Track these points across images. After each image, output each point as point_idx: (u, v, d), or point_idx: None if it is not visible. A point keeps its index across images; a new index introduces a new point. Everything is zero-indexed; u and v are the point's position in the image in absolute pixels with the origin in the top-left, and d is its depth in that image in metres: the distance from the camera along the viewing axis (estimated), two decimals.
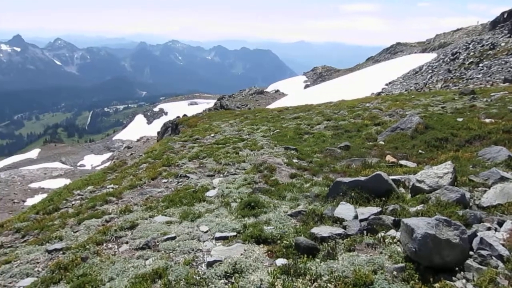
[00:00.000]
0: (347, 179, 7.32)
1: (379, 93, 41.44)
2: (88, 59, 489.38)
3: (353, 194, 6.86)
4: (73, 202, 10.89)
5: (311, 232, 5.56)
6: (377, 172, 7.09)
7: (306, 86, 74.08)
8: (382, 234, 5.28)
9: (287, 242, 5.42)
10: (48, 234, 7.82)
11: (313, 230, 5.64)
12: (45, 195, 35.20)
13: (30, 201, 37.78)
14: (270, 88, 75.21)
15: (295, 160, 11.69)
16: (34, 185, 45.06)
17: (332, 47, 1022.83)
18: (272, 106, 45.07)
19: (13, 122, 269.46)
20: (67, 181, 44.02)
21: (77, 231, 7.77)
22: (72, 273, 5.63)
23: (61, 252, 6.69)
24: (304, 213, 6.65)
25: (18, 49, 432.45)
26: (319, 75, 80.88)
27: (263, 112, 25.92)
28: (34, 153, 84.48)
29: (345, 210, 6.20)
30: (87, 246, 6.55)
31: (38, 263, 6.52)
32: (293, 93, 63.93)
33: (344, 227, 5.69)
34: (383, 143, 13.03)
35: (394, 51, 79.28)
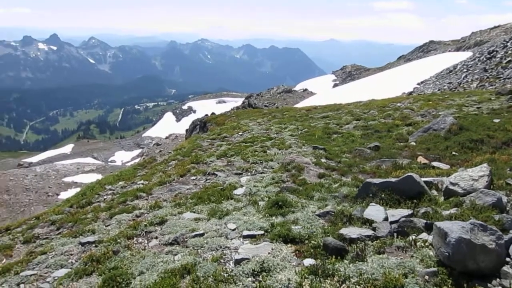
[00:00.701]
0: (377, 180, 7.18)
1: (410, 93, 40.43)
2: (120, 58, 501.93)
3: (383, 195, 6.73)
4: (105, 197, 11.21)
5: (340, 233, 5.50)
6: (409, 174, 6.93)
7: (335, 85, 73.19)
8: (413, 237, 5.15)
9: (315, 242, 5.39)
10: (81, 227, 8.09)
11: (341, 231, 5.57)
12: (77, 189, 36.39)
13: (63, 195, 39.16)
14: (298, 87, 74.82)
15: (323, 160, 11.59)
16: (67, 179, 46.55)
17: (363, 45, 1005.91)
18: (300, 105, 44.78)
19: (48, 118, 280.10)
20: (98, 176, 45.29)
21: (108, 225, 7.99)
22: (104, 266, 5.79)
23: (93, 245, 6.89)
24: (333, 213, 6.58)
25: (55, 48, 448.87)
26: (348, 74, 79.77)
27: (291, 111, 25.81)
28: (68, 148, 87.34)
29: (375, 211, 6.09)
30: (118, 240, 6.72)
31: (71, 255, 6.74)
32: (322, 92, 63.33)
33: (374, 229, 5.59)
34: (414, 144, 12.72)
35: (427, 49, 77.11)
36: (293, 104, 51.27)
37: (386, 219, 5.84)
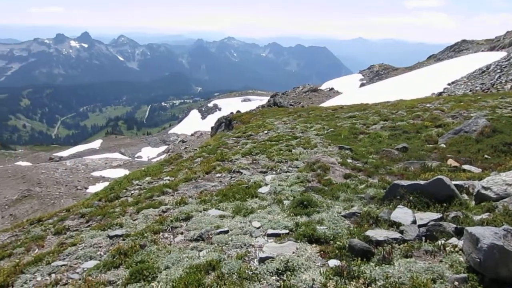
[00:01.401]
0: (405, 182, 7.03)
1: (440, 93, 39.36)
2: (148, 55, 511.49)
3: (411, 198, 6.59)
4: (132, 192, 11.45)
5: (366, 235, 5.42)
6: (438, 176, 6.75)
7: (362, 85, 72.09)
8: (443, 241, 5.02)
9: (341, 243, 5.33)
10: (110, 221, 8.30)
11: (367, 232, 5.49)
12: (105, 184, 37.34)
13: (91, 189, 40.30)
14: (324, 86, 74.07)
15: (349, 160, 11.45)
16: (95, 173, 47.86)
17: (391, 44, 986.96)
18: (326, 104, 44.37)
19: (78, 114, 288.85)
20: (125, 171, 46.36)
21: (136, 219, 8.16)
22: (131, 259, 5.91)
23: (121, 239, 7.05)
24: (359, 214, 6.50)
25: (86, 45, 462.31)
26: (376, 74, 78.39)
27: (317, 110, 25.62)
28: (96, 143, 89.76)
29: (402, 214, 5.97)
30: (145, 234, 6.85)
31: (100, 247, 6.91)
32: (348, 91, 62.51)
33: (401, 232, 5.48)
34: (444, 146, 12.39)
35: (458, 49, 74.81)
36: (318, 103, 50.85)
37: (414, 222, 5.72)
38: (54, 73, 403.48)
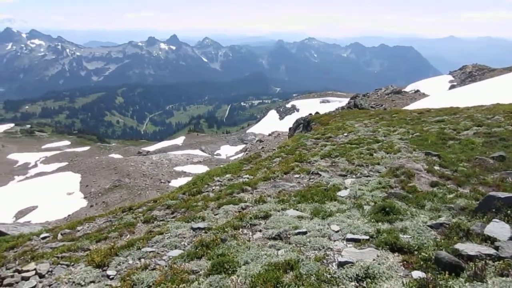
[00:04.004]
0: (502, 194, 6.43)
1: None
2: (230, 56, 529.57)
3: (509, 212, 6.01)
4: (213, 187, 11.95)
5: (455, 248, 5.07)
6: None
7: (452, 87, 67.04)
8: None
9: (426, 255, 5.06)
10: (193, 214, 8.76)
11: (457, 246, 5.13)
12: (186, 178, 39.37)
13: (173, 182, 42.82)
14: (409, 88, 70.22)
15: (436, 167, 10.74)
16: (178, 168, 50.69)
17: (487, 42, 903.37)
18: (411, 107, 42.06)
19: (165, 111, 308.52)
20: (205, 168, 48.47)
21: (217, 214, 8.51)
22: (212, 251, 6.18)
23: (203, 231, 7.40)
24: (447, 226, 6.10)
25: (174, 48, 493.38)
26: (468, 75, 72.38)
27: (401, 113, 24.41)
28: (180, 140, 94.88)
29: (498, 228, 5.47)
30: (226, 229, 7.11)
31: (184, 238, 7.32)
32: (436, 94, 58.59)
33: (496, 248, 5.03)
34: None
35: None
36: (402, 106, 48.37)
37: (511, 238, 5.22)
38: (145, 74, 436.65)
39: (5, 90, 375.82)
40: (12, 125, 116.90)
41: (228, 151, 77.97)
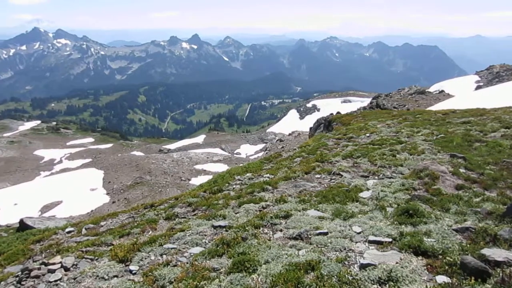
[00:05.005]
0: None
1: None
2: (251, 56, 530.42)
3: None
4: (234, 186, 12.00)
5: (481, 253, 4.93)
6: None
7: (478, 87, 65.22)
8: None
9: (451, 259, 4.94)
10: (214, 212, 8.82)
11: (483, 251, 4.99)
12: (207, 177, 39.66)
13: (194, 180, 43.19)
14: (433, 88, 68.67)
15: (462, 170, 10.48)
16: (198, 166, 51.07)
17: None
18: (435, 108, 41.15)
19: (186, 110, 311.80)
20: (225, 166, 48.69)
21: (237, 213, 8.55)
22: (233, 250, 6.20)
23: (224, 229, 7.44)
24: (473, 230, 5.94)
25: (195, 47, 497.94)
26: (495, 75, 70.23)
27: (425, 114, 23.92)
28: (200, 138, 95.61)
29: None
30: (247, 228, 7.12)
31: (205, 235, 7.38)
32: (461, 94, 57.16)
33: None
34: None
35: None
36: (426, 107, 47.38)
37: None
38: (167, 72, 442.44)
39: (32, 88, 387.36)
40: (38, 122, 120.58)
41: (248, 150, 78.03)
